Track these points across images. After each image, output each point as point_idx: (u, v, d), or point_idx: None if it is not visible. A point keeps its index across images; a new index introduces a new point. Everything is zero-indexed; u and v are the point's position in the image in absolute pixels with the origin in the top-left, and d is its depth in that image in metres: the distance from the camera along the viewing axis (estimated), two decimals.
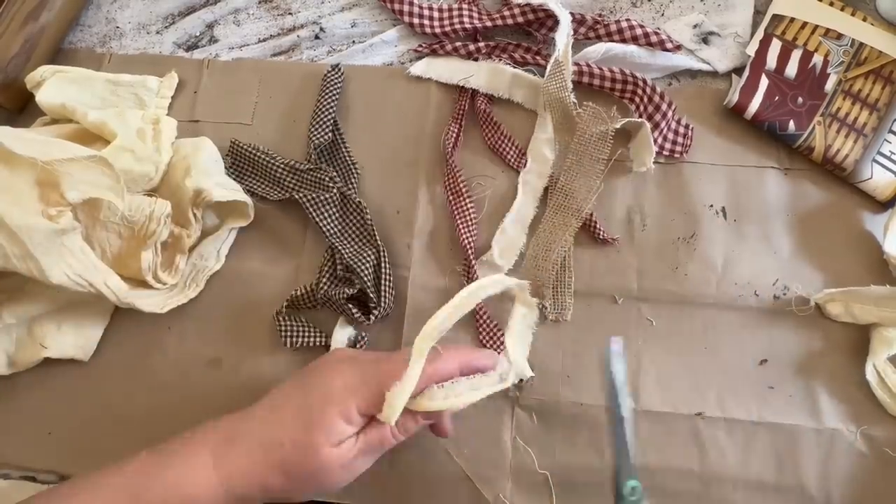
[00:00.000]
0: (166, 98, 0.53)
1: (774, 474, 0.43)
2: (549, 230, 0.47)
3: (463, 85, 0.51)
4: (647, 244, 0.48)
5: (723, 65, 0.51)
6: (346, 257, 0.45)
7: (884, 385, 0.43)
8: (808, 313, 0.45)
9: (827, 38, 0.50)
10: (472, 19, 0.52)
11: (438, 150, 0.51)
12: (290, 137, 0.52)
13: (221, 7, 0.57)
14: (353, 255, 0.46)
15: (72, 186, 0.39)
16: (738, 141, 0.50)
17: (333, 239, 0.47)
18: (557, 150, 0.49)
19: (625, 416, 0.38)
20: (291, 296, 0.46)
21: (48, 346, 0.45)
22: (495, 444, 0.45)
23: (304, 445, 0.34)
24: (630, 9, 0.54)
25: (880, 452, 0.43)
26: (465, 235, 0.47)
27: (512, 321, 0.42)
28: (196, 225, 0.47)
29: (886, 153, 0.48)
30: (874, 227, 0.48)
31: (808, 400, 0.44)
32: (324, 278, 0.46)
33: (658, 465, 0.44)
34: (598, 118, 0.48)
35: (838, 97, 0.49)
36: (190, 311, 0.48)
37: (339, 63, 0.53)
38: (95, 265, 0.41)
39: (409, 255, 0.49)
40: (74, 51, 0.57)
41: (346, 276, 0.46)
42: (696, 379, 0.45)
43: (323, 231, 0.47)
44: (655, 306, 0.47)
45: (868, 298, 0.44)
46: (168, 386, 0.47)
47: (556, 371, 0.46)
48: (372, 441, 0.35)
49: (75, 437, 0.46)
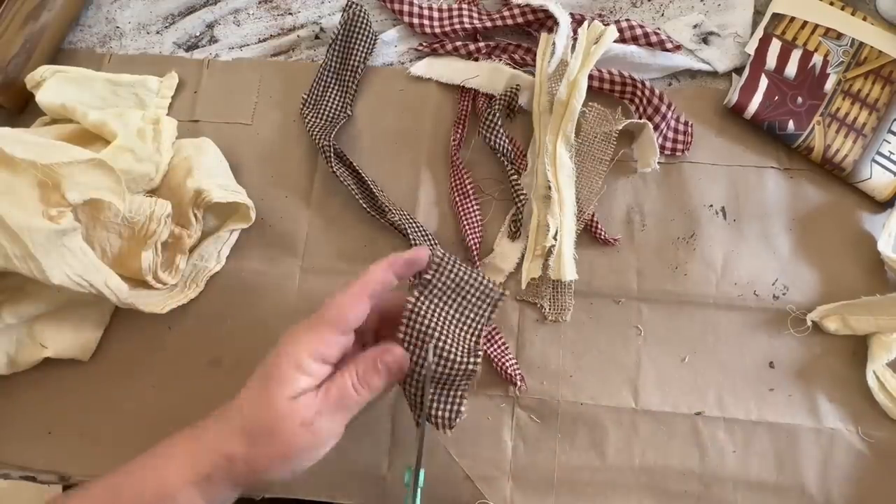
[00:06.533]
0: (166, 98, 0.53)
1: (774, 474, 0.43)
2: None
3: (464, 85, 0.51)
4: (647, 244, 0.48)
5: (723, 65, 0.51)
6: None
7: (884, 390, 0.44)
8: (805, 333, 0.45)
9: (827, 38, 0.50)
10: (472, 19, 0.52)
11: (439, 150, 0.51)
12: (290, 137, 0.52)
13: (221, 7, 0.57)
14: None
15: (72, 187, 0.39)
16: (737, 141, 0.50)
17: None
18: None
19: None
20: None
21: (48, 346, 0.45)
22: (495, 444, 0.45)
23: (260, 400, 0.33)
24: (630, 9, 0.54)
25: (880, 452, 0.43)
26: (471, 236, 0.47)
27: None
28: (196, 225, 0.47)
29: (886, 153, 0.48)
30: (873, 227, 0.48)
31: (807, 400, 0.44)
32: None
33: (658, 464, 0.44)
34: (602, 119, 0.48)
35: (838, 97, 0.49)
36: (190, 311, 0.48)
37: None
38: (96, 265, 0.41)
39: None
40: (74, 51, 0.57)
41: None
42: (696, 379, 0.45)
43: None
44: (655, 306, 0.47)
45: (863, 309, 0.44)
46: (168, 386, 0.47)
47: (556, 371, 0.46)
48: (332, 397, 0.34)
49: (75, 437, 0.46)
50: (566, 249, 0.46)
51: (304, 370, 0.34)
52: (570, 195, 0.47)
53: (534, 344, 0.46)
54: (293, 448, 0.33)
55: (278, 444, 0.33)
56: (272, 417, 0.33)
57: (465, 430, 0.45)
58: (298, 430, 0.33)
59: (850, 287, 0.46)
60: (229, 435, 0.33)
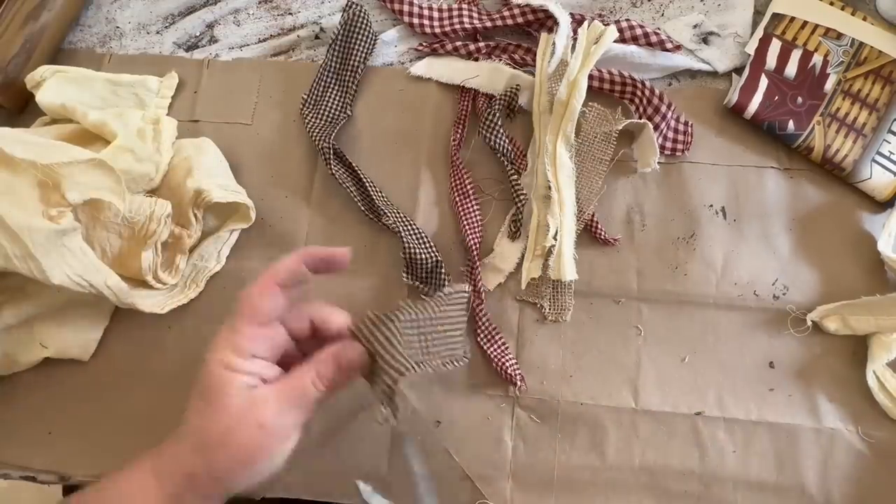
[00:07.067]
0: (166, 98, 0.53)
1: (774, 474, 0.43)
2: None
3: (464, 85, 0.51)
4: (647, 244, 0.48)
5: (723, 65, 0.51)
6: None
7: (884, 390, 0.44)
8: (806, 333, 0.45)
9: (827, 38, 0.50)
10: (472, 19, 0.52)
11: (439, 150, 0.51)
12: (290, 137, 0.52)
13: (221, 7, 0.57)
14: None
15: (72, 187, 0.39)
16: (737, 141, 0.50)
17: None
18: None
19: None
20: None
21: (48, 346, 0.45)
22: (495, 444, 0.45)
23: (205, 412, 0.32)
24: (630, 9, 0.54)
25: (880, 452, 0.43)
26: (471, 236, 0.47)
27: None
28: (196, 225, 0.47)
29: (885, 153, 0.48)
30: (873, 227, 0.48)
31: (807, 400, 0.44)
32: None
33: (658, 464, 0.44)
34: (602, 119, 0.48)
35: (838, 97, 0.49)
36: (190, 311, 0.48)
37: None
38: (96, 265, 0.41)
39: None
40: (74, 51, 0.57)
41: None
42: (696, 379, 0.45)
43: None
44: (655, 306, 0.47)
45: (863, 309, 0.44)
46: (168, 386, 0.47)
47: (556, 371, 0.46)
48: (288, 391, 0.33)
49: (75, 437, 0.46)
50: (566, 249, 0.46)
51: (236, 368, 0.32)
52: (570, 195, 0.47)
53: (534, 344, 0.46)
54: (251, 451, 0.32)
55: (233, 449, 0.32)
56: (225, 423, 0.32)
57: (465, 430, 0.45)
58: (255, 432, 0.32)
59: (849, 287, 0.46)
60: (184, 454, 0.32)
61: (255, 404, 0.32)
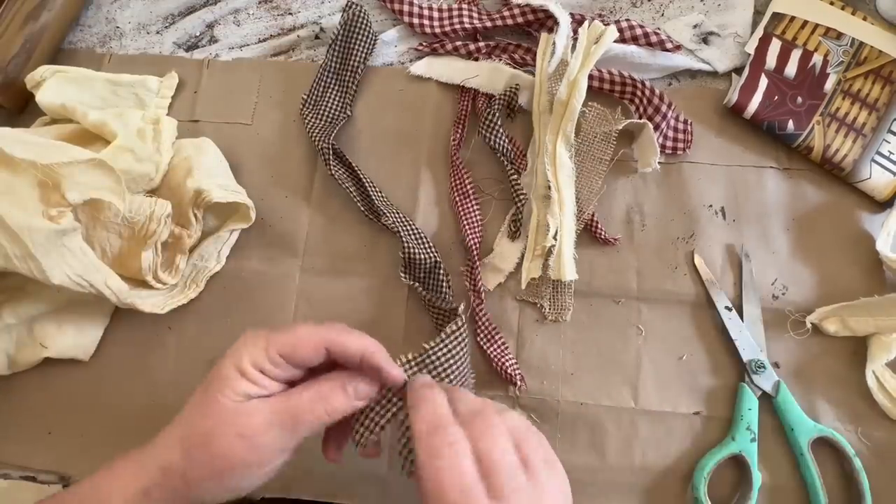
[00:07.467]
0: (166, 98, 0.53)
1: (774, 474, 0.43)
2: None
3: (464, 85, 0.51)
4: (647, 244, 0.48)
5: (722, 65, 0.51)
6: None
7: (884, 390, 0.44)
8: (806, 335, 0.45)
9: (827, 38, 0.50)
10: (472, 19, 0.52)
11: (439, 150, 0.51)
12: (290, 137, 0.52)
13: (221, 7, 0.57)
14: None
15: (72, 187, 0.39)
16: (737, 141, 0.50)
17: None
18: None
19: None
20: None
21: (48, 346, 0.45)
22: None
23: (200, 405, 0.32)
24: (630, 9, 0.54)
25: (879, 453, 0.43)
26: (471, 236, 0.47)
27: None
28: (196, 225, 0.47)
29: (885, 153, 0.48)
30: (872, 227, 0.48)
31: (807, 400, 0.44)
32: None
33: (658, 464, 0.44)
34: (602, 119, 0.48)
35: (838, 97, 0.49)
36: (190, 311, 0.48)
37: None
38: (96, 265, 0.41)
39: None
40: (74, 51, 0.57)
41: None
42: (695, 378, 0.45)
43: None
44: (655, 306, 0.47)
45: (861, 310, 0.44)
46: (168, 386, 0.47)
47: (556, 371, 0.46)
48: (281, 409, 0.32)
49: (75, 437, 0.46)
50: (566, 249, 0.46)
51: (246, 375, 0.32)
52: (569, 195, 0.47)
53: (534, 344, 0.46)
54: (228, 462, 0.31)
55: (212, 454, 0.31)
56: (209, 424, 0.31)
57: None
58: (235, 442, 0.31)
59: (848, 286, 0.46)
60: (170, 443, 0.32)
61: (241, 413, 0.31)
